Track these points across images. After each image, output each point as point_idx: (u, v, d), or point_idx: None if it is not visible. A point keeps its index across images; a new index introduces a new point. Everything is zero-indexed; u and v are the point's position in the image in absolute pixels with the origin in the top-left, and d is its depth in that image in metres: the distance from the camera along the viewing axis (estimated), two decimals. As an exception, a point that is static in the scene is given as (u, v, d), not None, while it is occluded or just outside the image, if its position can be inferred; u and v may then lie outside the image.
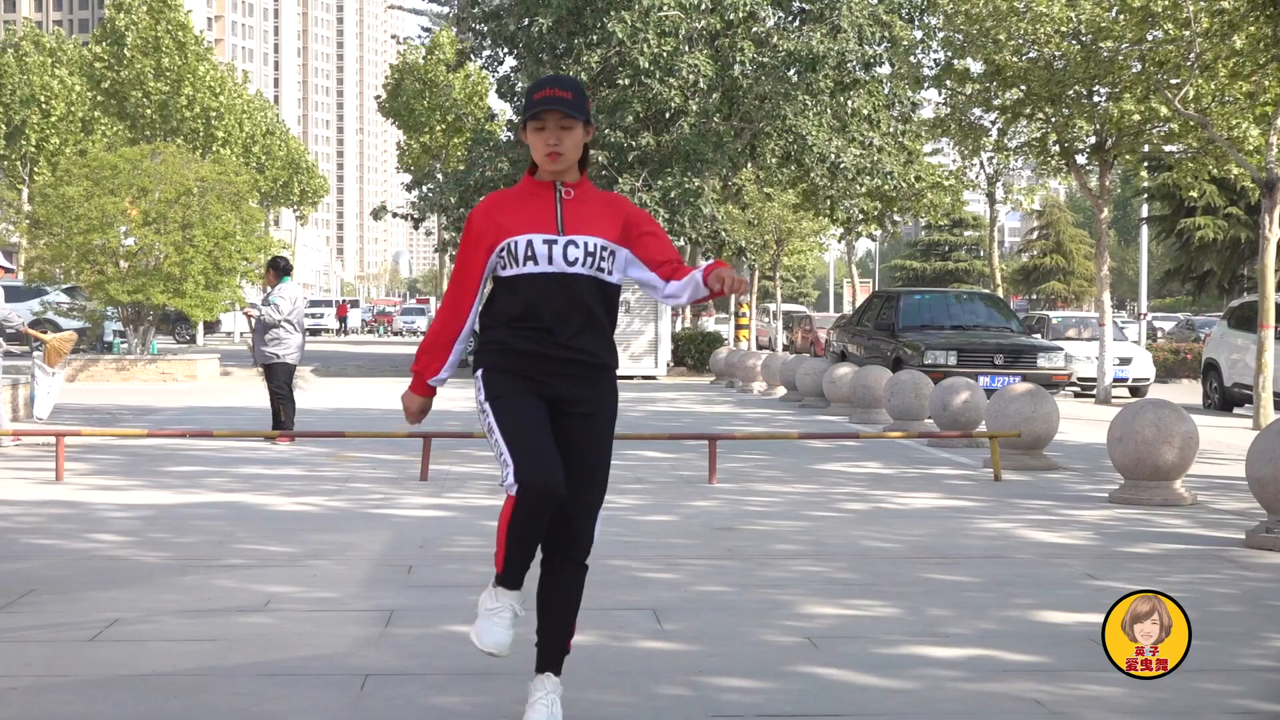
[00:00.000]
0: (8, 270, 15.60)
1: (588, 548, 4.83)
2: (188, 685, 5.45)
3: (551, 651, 4.83)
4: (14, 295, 31.88)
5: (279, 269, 16.10)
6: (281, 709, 5.14)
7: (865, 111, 33.33)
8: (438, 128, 57.63)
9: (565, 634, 4.86)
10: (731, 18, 31.67)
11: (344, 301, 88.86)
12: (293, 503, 10.88)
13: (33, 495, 11.10)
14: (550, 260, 4.59)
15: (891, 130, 34.15)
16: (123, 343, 33.48)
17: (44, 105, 62.42)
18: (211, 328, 55.49)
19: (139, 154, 31.98)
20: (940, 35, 29.42)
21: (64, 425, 14.81)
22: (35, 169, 60.99)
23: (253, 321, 16.05)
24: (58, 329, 35.87)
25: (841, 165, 32.79)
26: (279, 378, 15.65)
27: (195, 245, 29.74)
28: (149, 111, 62.73)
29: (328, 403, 15.41)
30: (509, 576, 4.68)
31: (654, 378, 32.80)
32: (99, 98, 63.76)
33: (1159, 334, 52.39)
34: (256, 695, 5.32)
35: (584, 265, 4.61)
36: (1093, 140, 26.43)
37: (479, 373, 4.72)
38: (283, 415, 15.50)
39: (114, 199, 29.81)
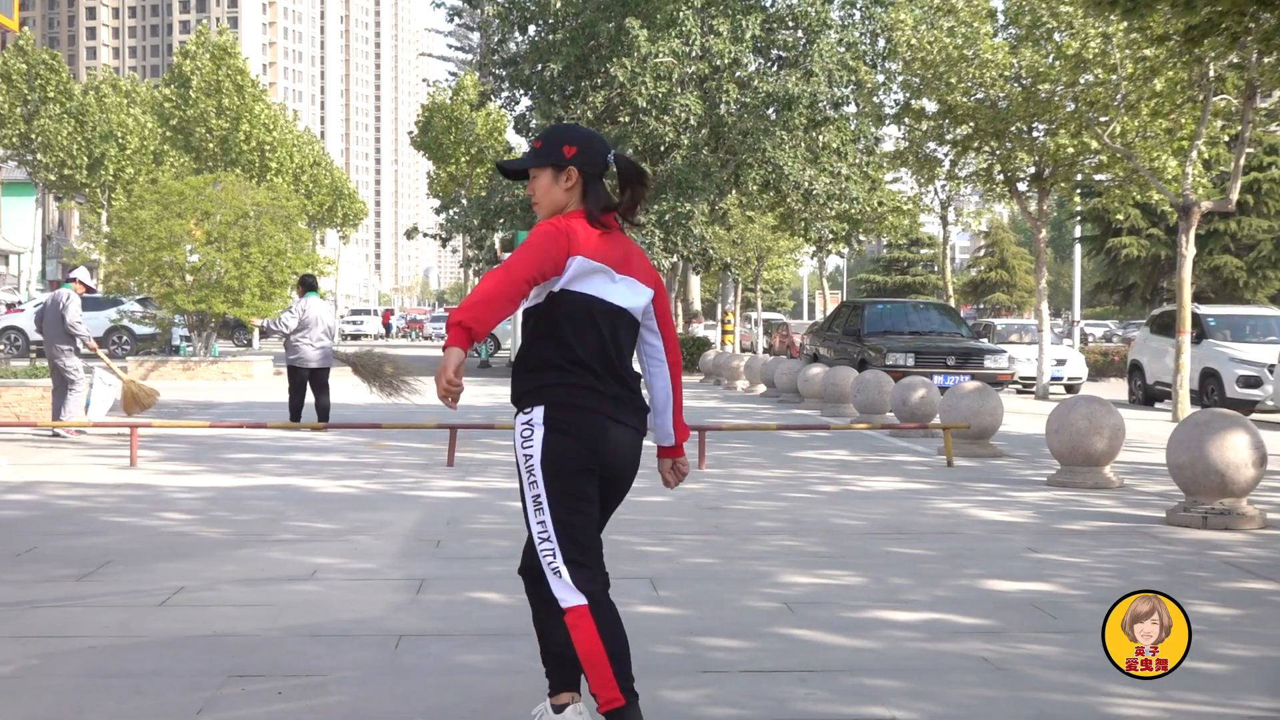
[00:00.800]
0: (89, 288, 15.59)
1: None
2: (244, 644, 5.45)
3: (572, 665, 4.12)
4: (94, 305, 31.95)
5: (305, 285, 15.97)
6: (326, 665, 5.14)
7: (834, 145, 33.33)
8: (462, 159, 57.60)
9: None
10: (718, 63, 31.68)
11: (387, 310, 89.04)
12: (336, 485, 10.88)
13: (110, 479, 11.09)
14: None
15: (857, 161, 34.13)
16: (188, 346, 33.53)
17: (121, 140, 62.44)
18: (265, 333, 55.51)
19: (202, 182, 31.99)
20: (900, 79, 29.45)
21: (137, 419, 14.80)
22: (113, 195, 61.00)
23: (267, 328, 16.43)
24: (133, 335, 36.07)
25: (814, 192, 32.78)
26: (295, 380, 15.49)
27: (251, 261, 29.75)
28: (211, 145, 62.80)
29: (367, 398, 15.36)
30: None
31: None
32: (168, 133, 63.84)
33: (1089, 338, 52.40)
34: (304, 653, 5.32)
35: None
36: (1032, 170, 26.46)
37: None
38: (300, 412, 15.48)
39: (181, 221, 29.83)
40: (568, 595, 3.90)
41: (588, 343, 3.97)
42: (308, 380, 15.45)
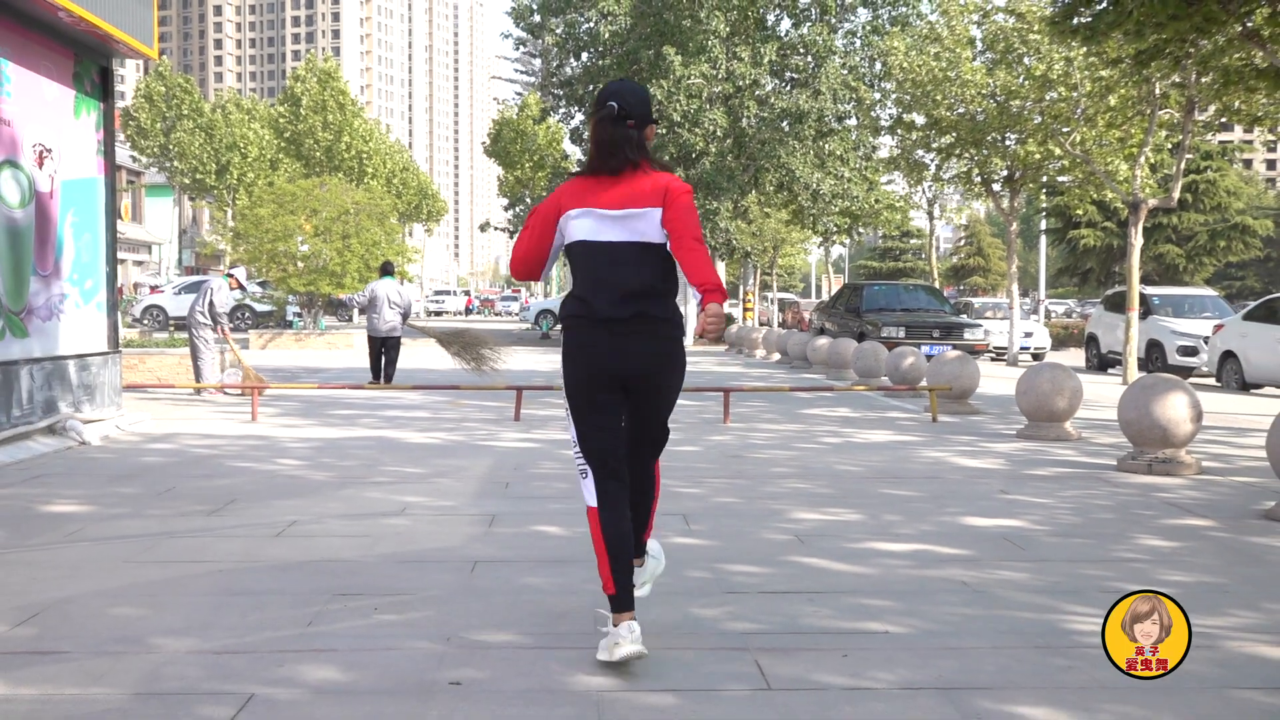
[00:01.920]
0: (241, 285, 15.70)
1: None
2: (346, 568, 5.47)
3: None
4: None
5: (382, 270, 16.44)
6: (414, 585, 5.15)
7: (838, 152, 33.12)
8: (526, 165, 57.41)
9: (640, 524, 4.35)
10: (741, 84, 31.51)
11: (469, 295, 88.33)
12: (422, 437, 10.91)
13: (235, 431, 11.16)
14: None
15: (857, 166, 33.89)
16: (299, 321, 33.65)
17: (243, 150, 62.62)
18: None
19: (311, 185, 32.12)
20: (893, 96, 29.20)
21: (257, 378, 14.89)
22: (236, 196, 61.25)
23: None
24: (254, 312, 36.28)
25: (821, 192, 32.62)
26: (369, 345, 16.02)
27: (351, 250, 29.88)
28: (318, 154, 62.97)
29: (447, 364, 15.41)
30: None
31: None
32: (282, 144, 64.02)
33: (1052, 315, 51.91)
34: (396, 576, 5.34)
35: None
36: (1005, 173, 26.23)
37: None
38: (380, 373, 16.00)
39: (293, 217, 29.98)
40: (587, 496, 4.11)
41: (583, 279, 4.13)
42: (380, 345, 15.96)
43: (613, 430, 4.16)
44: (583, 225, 4.12)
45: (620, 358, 4.09)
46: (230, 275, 15.49)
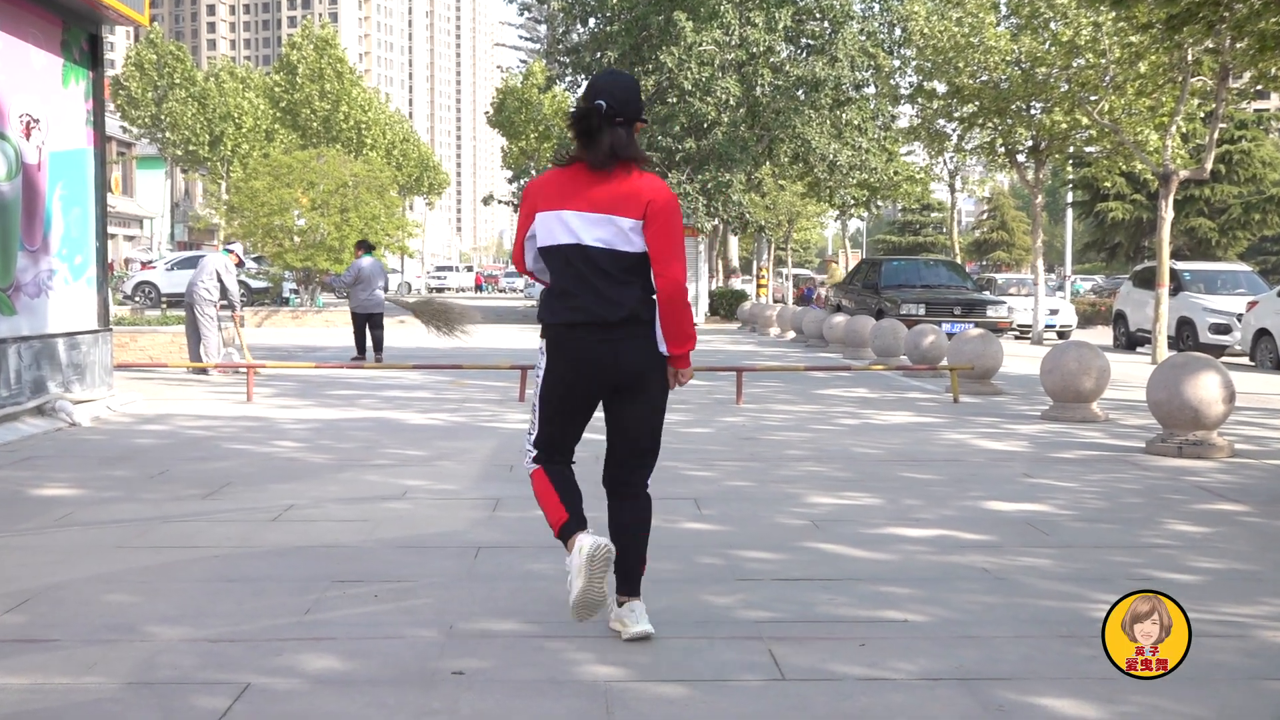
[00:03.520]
0: (241, 260, 15.80)
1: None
2: (345, 554, 5.49)
3: (627, 577, 4.25)
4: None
5: (364, 247, 17.35)
6: (415, 572, 5.17)
7: (856, 122, 33.06)
8: (532, 135, 57.29)
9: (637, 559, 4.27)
10: (754, 51, 31.42)
11: (478, 273, 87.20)
12: (424, 418, 10.93)
13: (230, 412, 11.19)
14: None
15: (876, 136, 33.83)
16: (296, 298, 33.73)
17: (237, 120, 62.62)
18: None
19: (308, 156, 32.14)
20: (913, 63, 29.15)
21: (253, 360, 14.92)
22: (231, 168, 61.26)
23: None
24: (249, 289, 36.32)
25: (838, 163, 32.57)
26: (356, 322, 16.97)
27: (350, 225, 29.90)
28: (315, 124, 62.99)
29: (448, 343, 15.42)
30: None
31: (695, 324, 32.74)
32: (278, 114, 64.02)
33: (1079, 291, 51.80)
34: (396, 562, 5.35)
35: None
36: (1030, 143, 26.16)
37: None
38: (358, 356, 16.87)
39: (289, 190, 30.01)
40: (528, 466, 4.28)
41: (563, 280, 4.12)
42: (365, 321, 16.85)
43: (576, 437, 4.30)
44: (557, 227, 4.09)
45: (612, 361, 4.10)
46: (230, 250, 15.52)
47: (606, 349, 4.09)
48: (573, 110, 4.15)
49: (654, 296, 4.16)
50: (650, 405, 4.25)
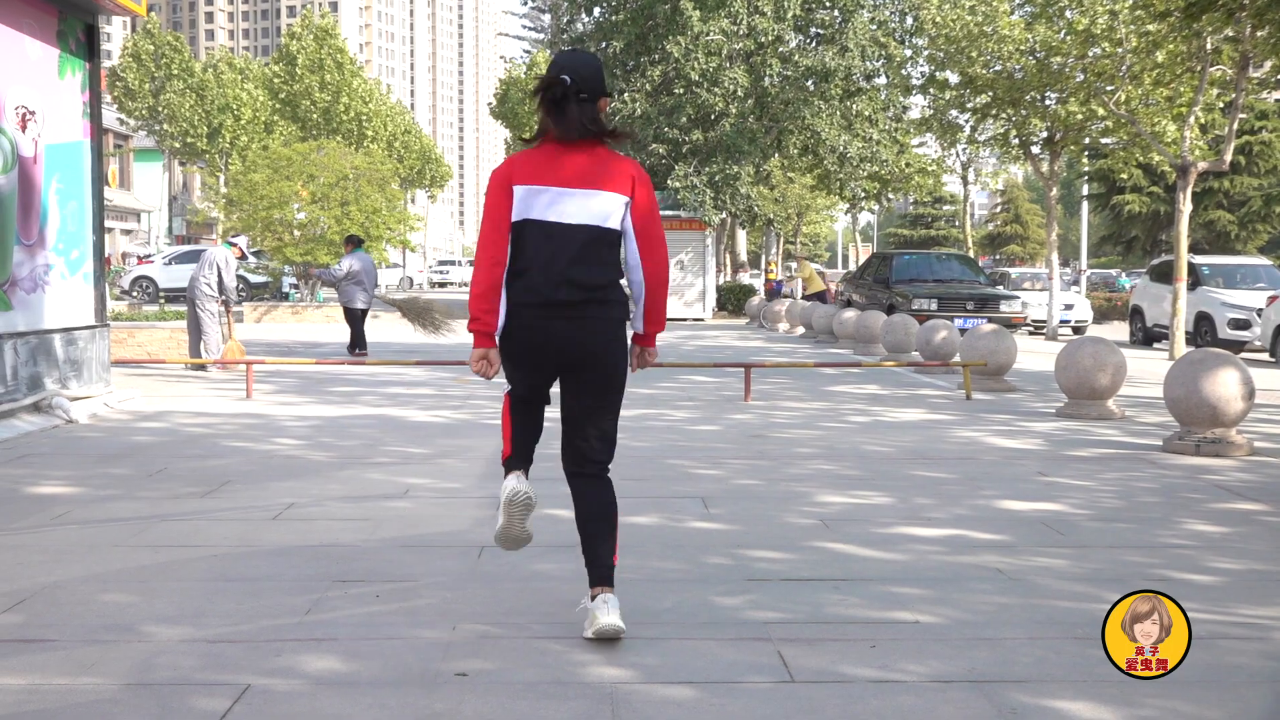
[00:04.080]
0: (244, 254, 15.84)
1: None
2: (346, 553, 5.50)
3: (595, 566, 4.24)
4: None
5: (353, 242, 17.82)
6: (417, 572, 5.18)
7: (866, 113, 33.03)
8: (535, 127, 57.36)
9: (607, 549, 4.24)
10: (763, 40, 31.40)
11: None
12: (426, 415, 10.94)
13: (229, 409, 11.21)
14: None
15: (887, 128, 33.79)
16: (296, 293, 33.76)
17: (236, 112, 62.62)
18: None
19: (308, 149, 32.13)
20: (925, 53, 29.08)
21: (252, 356, 14.95)
22: (230, 160, 61.29)
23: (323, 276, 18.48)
24: (248, 284, 36.36)
25: (848, 155, 32.54)
26: (348, 318, 17.32)
27: (351, 218, 29.90)
28: (315, 116, 62.95)
29: (451, 339, 15.46)
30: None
31: (702, 319, 32.74)
32: (277, 105, 63.99)
33: (1098, 285, 51.79)
34: (399, 562, 5.36)
35: None
36: (1044, 135, 26.11)
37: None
38: (357, 346, 17.26)
39: (289, 183, 30.01)
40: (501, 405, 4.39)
41: (532, 259, 4.10)
42: (359, 316, 17.29)
43: (544, 391, 4.33)
44: (537, 201, 4.08)
45: (574, 337, 4.11)
46: (233, 244, 15.54)
47: (569, 327, 4.10)
48: (537, 83, 4.15)
49: (622, 278, 4.19)
50: (609, 386, 4.23)
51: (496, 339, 4.14)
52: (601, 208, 4.08)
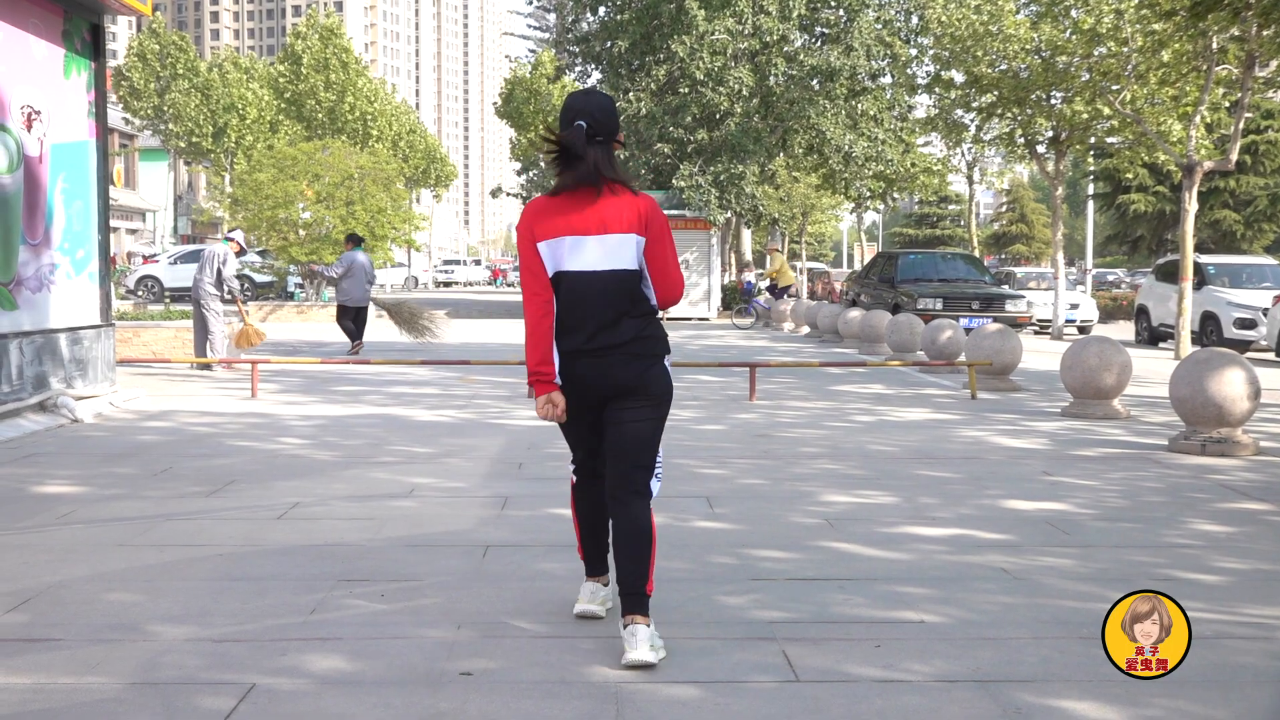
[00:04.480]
0: (243, 248, 15.82)
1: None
2: (351, 553, 5.50)
3: (627, 595, 4.02)
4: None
5: (353, 241, 18.08)
6: (422, 571, 5.18)
7: (872, 112, 33.00)
8: (540, 127, 57.25)
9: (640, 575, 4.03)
10: (768, 40, 31.39)
11: (496, 268, 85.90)
12: (431, 414, 10.95)
13: (235, 409, 11.22)
14: None
15: (892, 127, 33.77)
16: (301, 292, 33.77)
17: (241, 111, 62.67)
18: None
19: (313, 148, 32.17)
20: (930, 52, 29.08)
21: (257, 355, 14.97)
22: (235, 160, 61.34)
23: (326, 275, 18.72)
24: (253, 283, 36.38)
25: (853, 155, 32.52)
26: (344, 315, 17.60)
27: (356, 218, 29.93)
28: (320, 115, 63.02)
29: (457, 338, 15.47)
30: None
31: (707, 319, 32.73)
32: (282, 105, 64.05)
33: (1102, 285, 51.72)
34: (404, 561, 5.36)
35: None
36: (1050, 134, 26.09)
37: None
38: (354, 342, 17.54)
39: (294, 183, 30.04)
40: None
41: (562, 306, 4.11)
42: (356, 313, 17.54)
43: (594, 449, 4.30)
44: (560, 251, 4.06)
45: (604, 378, 4.07)
46: (230, 239, 15.53)
47: (599, 367, 4.07)
48: (549, 137, 4.10)
49: (644, 316, 4.13)
50: (643, 416, 4.14)
51: (557, 381, 4.09)
52: (620, 251, 4.06)
